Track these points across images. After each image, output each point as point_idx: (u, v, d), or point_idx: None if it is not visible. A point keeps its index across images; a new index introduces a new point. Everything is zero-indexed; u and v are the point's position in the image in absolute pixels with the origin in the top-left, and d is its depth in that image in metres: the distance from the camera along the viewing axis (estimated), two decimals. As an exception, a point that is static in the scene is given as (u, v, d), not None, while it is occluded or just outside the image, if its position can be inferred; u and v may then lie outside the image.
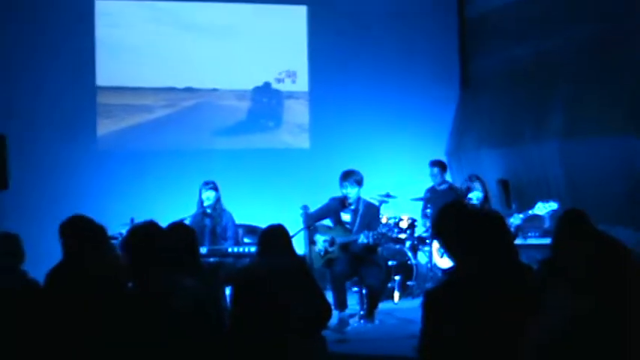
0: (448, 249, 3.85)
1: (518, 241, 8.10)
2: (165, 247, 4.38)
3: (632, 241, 3.68)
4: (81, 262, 4.79)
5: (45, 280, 5.12)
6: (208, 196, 9.10)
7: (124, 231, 9.13)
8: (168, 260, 4.40)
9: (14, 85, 10.73)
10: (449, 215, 3.90)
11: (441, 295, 3.83)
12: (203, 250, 8.13)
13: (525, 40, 11.00)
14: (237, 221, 9.49)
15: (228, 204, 9.34)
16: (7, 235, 5.46)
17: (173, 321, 3.89)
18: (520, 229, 8.59)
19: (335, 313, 7.54)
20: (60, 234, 5.41)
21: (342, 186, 8.79)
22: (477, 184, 9.10)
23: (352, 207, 8.78)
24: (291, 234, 5.91)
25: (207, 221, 9.08)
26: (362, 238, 8.44)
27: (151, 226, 4.49)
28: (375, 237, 8.47)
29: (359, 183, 8.77)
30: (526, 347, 3.31)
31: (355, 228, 8.67)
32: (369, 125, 11.79)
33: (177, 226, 5.68)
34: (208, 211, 9.11)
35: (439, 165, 10.53)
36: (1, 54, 10.69)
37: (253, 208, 10.38)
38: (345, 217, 8.81)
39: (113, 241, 7.06)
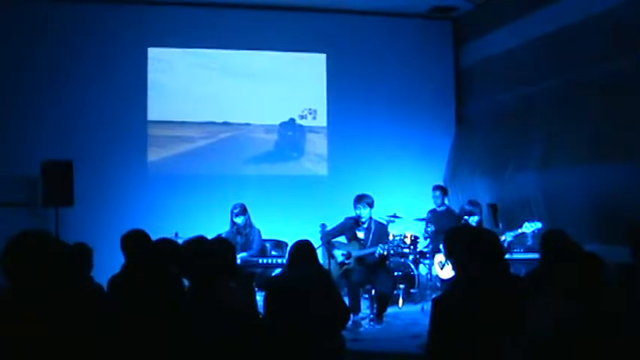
0: (455, 259, 3.92)
1: (506, 256, 8.08)
2: (214, 256, 4.45)
3: (599, 252, 3.74)
4: (142, 270, 4.77)
5: (108, 285, 5.13)
6: (240, 220, 9.18)
7: (169, 243, 9.21)
8: (216, 267, 4.46)
9: (80, 120, 10.81)
10: (458, 234, 3.99)
11: (446, 301, 3.90)
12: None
13: (509, 87, 11.10)
14: (266, 236, 9.56)
15: (257, 222, 9.39)
16: (82, 246, 5.46)
17: (224, 317, 3.94)
18: (510, 246, 8.60)
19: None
20: (122, 244, 5.45)
21: (355, 207, 8.82)
22: (477, 210, 9.12)
23: (365, 225, 8.82)
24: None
25: (239, 238, 9.13)
26: (379, 250, 8.50)
27: (202, 239, 4.57)
28: (390, 248, 8.54)
29: (370, 205, 8.81)
30: (516, 346, 3.36)
31: (368, 244, 8.73)
32: (379, 155, 11.80)
33: (221, 240, 5.73)
34: (241, 230, 9.19)
35: (441, 189, 10.52)
36: (68, 95, 10.79)
37: (279, 225, 10.33)
38: (360, 234, 8.84)
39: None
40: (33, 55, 10.69)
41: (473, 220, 8.91)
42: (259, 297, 6.85)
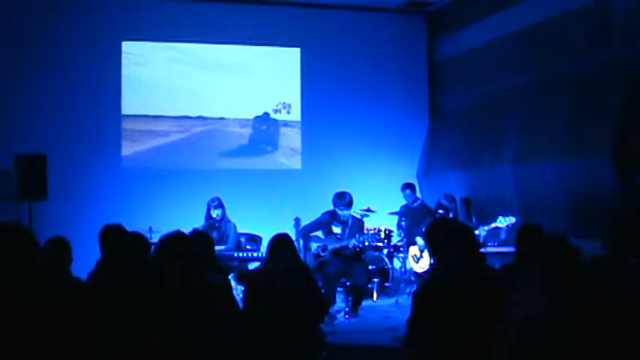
0: (434, 249, 4.04)
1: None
2: (194, 249, 4.49)
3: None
4: (123, 264, 4.76)
5: (89, 278, 5.09)
6: (217, 213, 9.19)
7: (143, 238, 9.20)
8: (197, 261, 4.50)
9: (53, 113, 10.74)
10: (437, 225, 4.11)
11: (425, 290, 4.01)
12: (212, 256, 8.19)
13: (484, 81, 11.21)
14: (240, 230, 9.56)
15: (232, 215, 9.40)
16: (58, 239, 5.39)
17: (209, 311, 3.98)
18: (484, 240, 8.69)
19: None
20: (101, 238, 5.40)
21: (335, 206, 8.88)
22: (453, 205, 9.27)
23: (343, 219, 8.90)
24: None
25: (215, 233, 9.13)
26: (353, 242, 8.58)
27: (181, 233, 4.61)
28: (364, 240, 8.60)
29: (350, 205, 8.87)
30: (496, 340, 3.41)
31: (345, 238, 8.79)
32: (353, 149, 11.87)
33: (200, 233, 5.77)
34: (216, 224, 9.21)
35: (409, 187, 10.51)
36: (42, 89, 10.72)
37: (254, 219, 10.32)
38: (336, 229, 8.91)
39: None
40: (5, 49, 10.59)
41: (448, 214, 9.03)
42: (237, 291, 6.89)
